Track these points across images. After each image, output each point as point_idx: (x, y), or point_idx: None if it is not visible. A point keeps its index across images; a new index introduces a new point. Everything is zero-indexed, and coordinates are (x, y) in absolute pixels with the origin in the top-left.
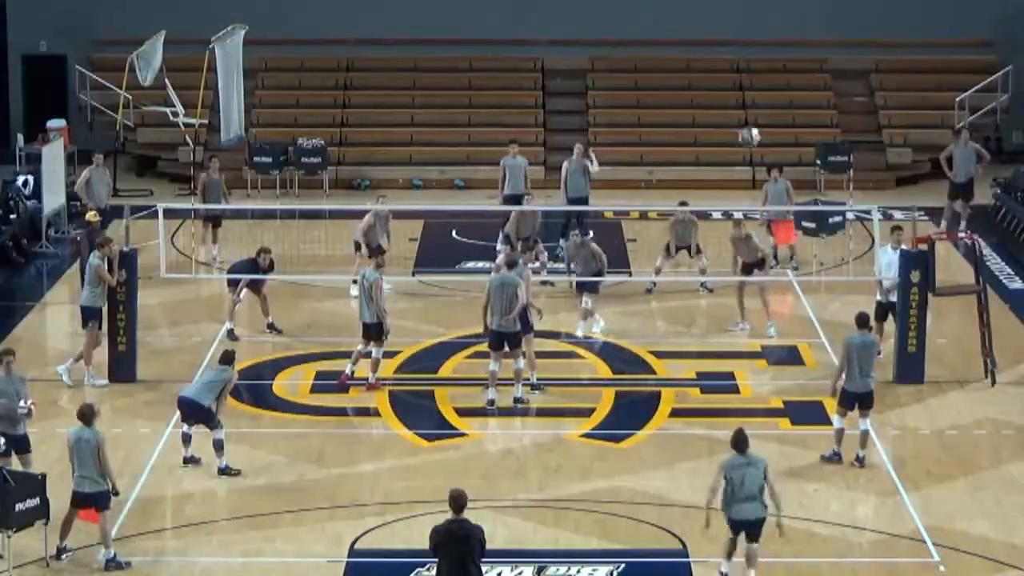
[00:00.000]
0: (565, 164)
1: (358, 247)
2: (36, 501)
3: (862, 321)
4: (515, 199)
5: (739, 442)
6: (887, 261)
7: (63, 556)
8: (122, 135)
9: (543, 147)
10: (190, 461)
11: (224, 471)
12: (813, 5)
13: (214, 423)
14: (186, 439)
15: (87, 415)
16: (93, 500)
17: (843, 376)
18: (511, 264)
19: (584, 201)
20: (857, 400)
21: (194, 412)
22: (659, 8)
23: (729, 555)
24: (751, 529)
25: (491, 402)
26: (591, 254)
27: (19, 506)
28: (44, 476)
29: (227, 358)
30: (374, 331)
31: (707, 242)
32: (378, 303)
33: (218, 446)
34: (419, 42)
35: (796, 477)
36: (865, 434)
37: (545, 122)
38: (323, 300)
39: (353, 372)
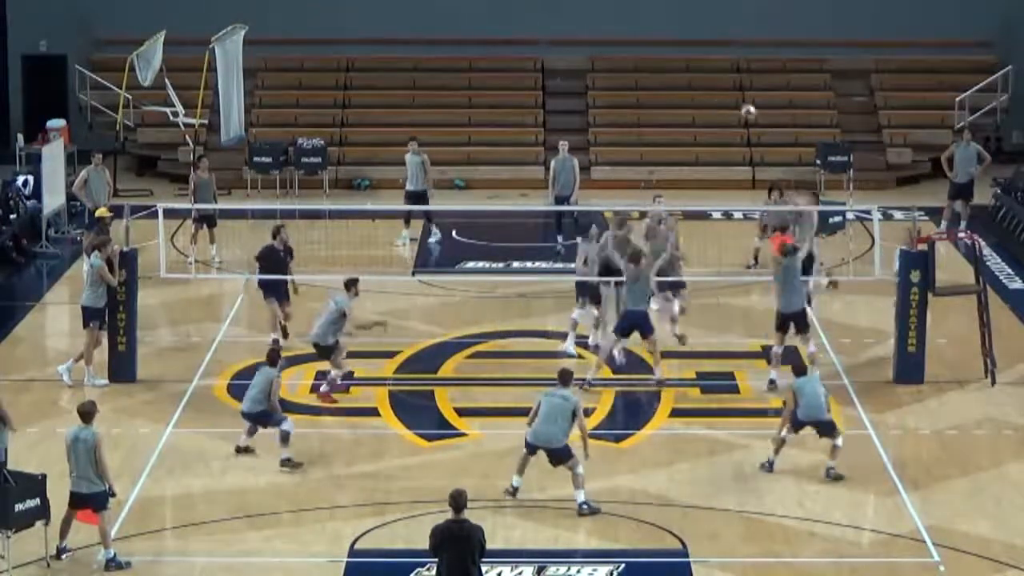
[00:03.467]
0: (553, 163)
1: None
2: (36, 501)
3: (799, 371)
4: (413, 195)
5: (563, 376)
6: None
7: (63, 556)
8: (122, 135)
9: (543, 147)
10: (243, 451)
11: (286, 463)
12: (813, 5)
13: (276, 420)
14: (252, 431)
15: (87, 413)
16: (90, 501)
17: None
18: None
19: (568, 200)
20: (811, 426)
21: (257, 419)
22: (659, 8)
23: (521, 470)
24: (549, 455)
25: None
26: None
27: (19, 506)
28: (44, 476)
29: (270, 358)
30: (325, 353)
31: (707, 243)
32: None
33: (284, 438)
34: (419, 42)
35: (796, 477)
36: (837, 449)
37: (545, 122)
38: (323, 300)
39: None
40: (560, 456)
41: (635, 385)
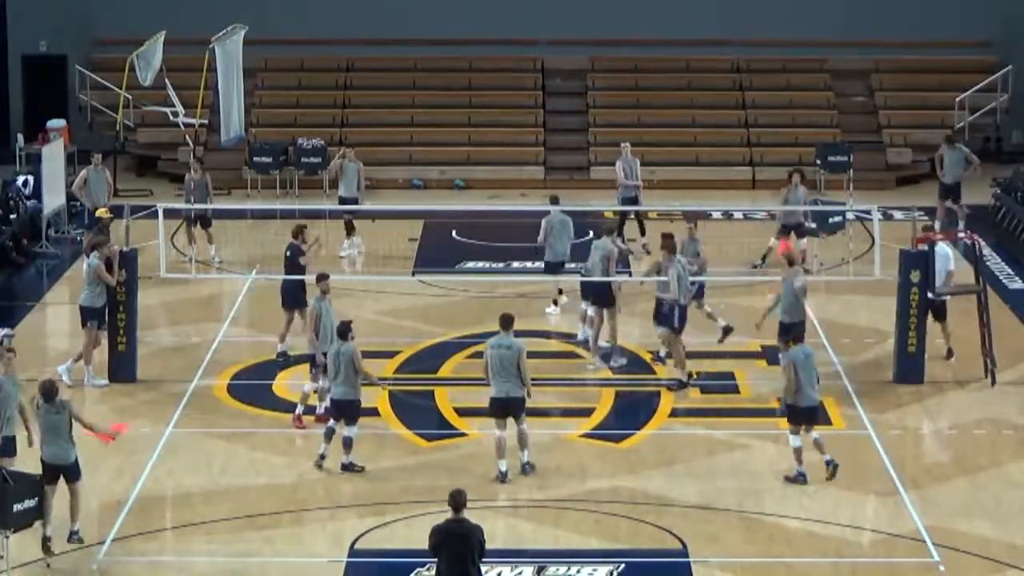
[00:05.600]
0: (619, 163)
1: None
2: (35, 501)
3: (799, 336)
4: (348, 201)
5: (504, 321)
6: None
7: (49, 543)
8: (122, 135)
9: (543, 147)
10: (323, 459)
11: (347, 467)
12: (813, 5)
13: (356, 417)
14: (329, 435)
15: (50, 390)
16: (66, 471)
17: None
18: None
19: (636, 200)
20: (806, 416)
21: (347, 409)
22: (659, 8)
23: (501, 453)
24: (509, 407)
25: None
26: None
27: (17, 506)
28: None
29: (341, 332)
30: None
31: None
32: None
33: (347, 443)
34: (419, 42)
35: None
36: (818, 441)
37: (545, 122)
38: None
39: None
40: (516, 408)
41: (635, 385)
